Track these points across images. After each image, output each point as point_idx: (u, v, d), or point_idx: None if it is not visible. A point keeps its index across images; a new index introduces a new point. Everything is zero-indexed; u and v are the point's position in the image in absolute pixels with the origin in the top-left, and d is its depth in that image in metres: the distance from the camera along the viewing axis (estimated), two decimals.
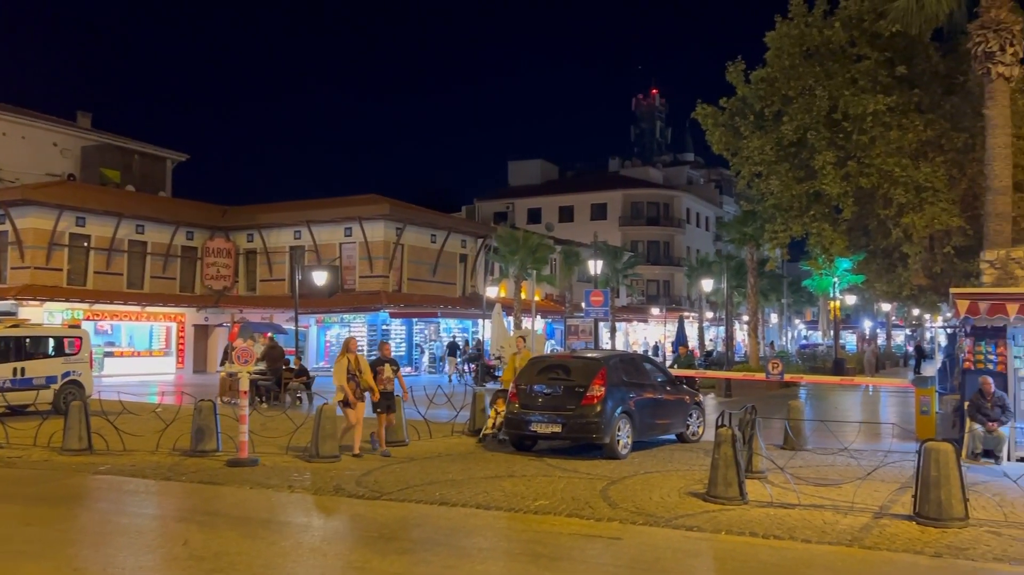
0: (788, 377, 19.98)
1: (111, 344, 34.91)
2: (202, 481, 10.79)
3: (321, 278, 28.75)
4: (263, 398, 21.70)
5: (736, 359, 39.33)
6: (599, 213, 65.88)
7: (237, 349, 12.88)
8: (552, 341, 43.57)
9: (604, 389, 12.66)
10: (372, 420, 13.39)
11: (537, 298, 37.30)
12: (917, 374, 36.50)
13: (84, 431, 13.12)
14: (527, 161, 76.16)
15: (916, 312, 55.75)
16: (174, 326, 37.06)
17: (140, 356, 35.82)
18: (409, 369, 34.39)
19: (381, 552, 7.49)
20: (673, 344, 40.03)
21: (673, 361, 27.29)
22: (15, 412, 17.99)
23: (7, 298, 30.56)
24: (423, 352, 38.21)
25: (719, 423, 9.90)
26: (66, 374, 18.98)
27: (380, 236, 36.16)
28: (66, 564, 7.06)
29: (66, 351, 19.20)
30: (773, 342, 54.23)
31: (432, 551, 7.51)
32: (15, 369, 18.04)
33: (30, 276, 32.12)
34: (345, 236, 37.03)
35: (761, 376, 20.79)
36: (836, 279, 34.82)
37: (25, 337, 18.87)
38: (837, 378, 27.31)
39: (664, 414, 14.31)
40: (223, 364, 23.90)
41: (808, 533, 8.09)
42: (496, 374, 28.29)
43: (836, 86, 21.05)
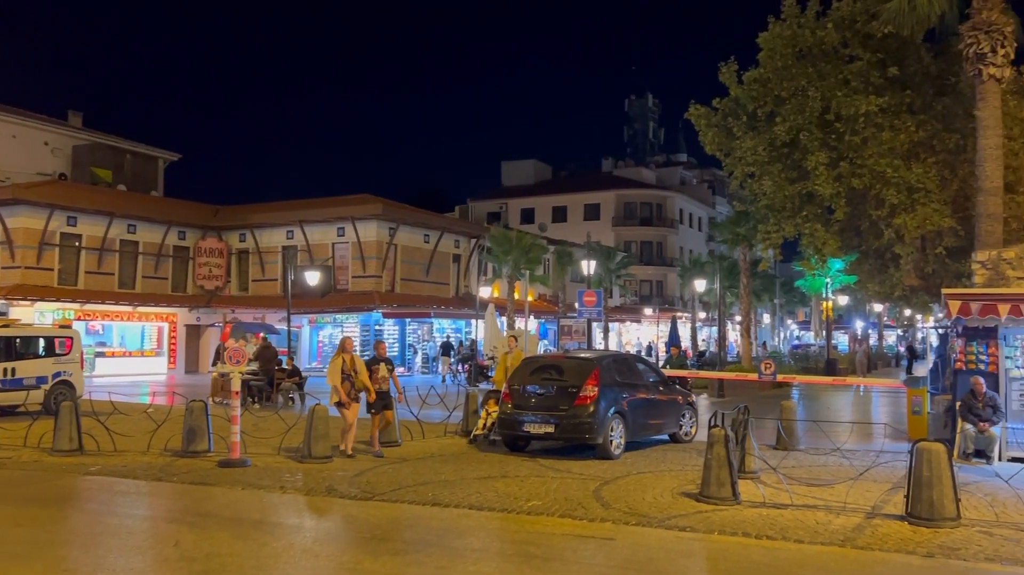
0: (781, 377, 20.02)
1: (102, 344, 34.77)
2: (193, 482, 10.75)
3: (314, 278, 28.73)
4: (255, 398, 21.64)
5: (729, 359, 39.41)
6: (592, 213, 65.97)
7: (229, 349, 12.84)
8: (545, 341, 43.61)
9: (597, 389, 12.65)
10: (365, 420, 13.36)
11: (530, 298, 37.27)
12: (909, 374, 36.69)
13: (75, 432, 13.07)
14: (520, 161, 76.17)
15: (908, 313, 55.98)
16: (166, 326, 36.93)
17: (132, 356, 35.67)
18: (402, 369, 34.33)
19: (373, 553, 7.47)
20: (667, 345, 40.09)
21: (665, 362, 27.32)
22: (5, 413, 17.93)
23: None
24: (416, 352, 38.17)
25: (712, 423, 9.90)
26: (57, 374, 18.88)
27: (373, 236, 36.09)
28: (56, 566, 7.02)
29: (57, 351, 19.11)
30: (766, 342, 54.39)
31: (425, 552, 7.49)
32: (5, 369, 17.94)
33: (21, 276, 31.96)
34: (338, 236, 36.96)
35: (754, 376, 20.84)
36: (828, 279, 34.96)
37: (15, 337, 18.77)
38: (829, 378, 27.40)
39: (657, 414, 14.32)
40: (215, 364, 23.83)
41: (801, 533, 8.10)
42: (489, 374, 28.27)
43: (829, 87, 21.11)
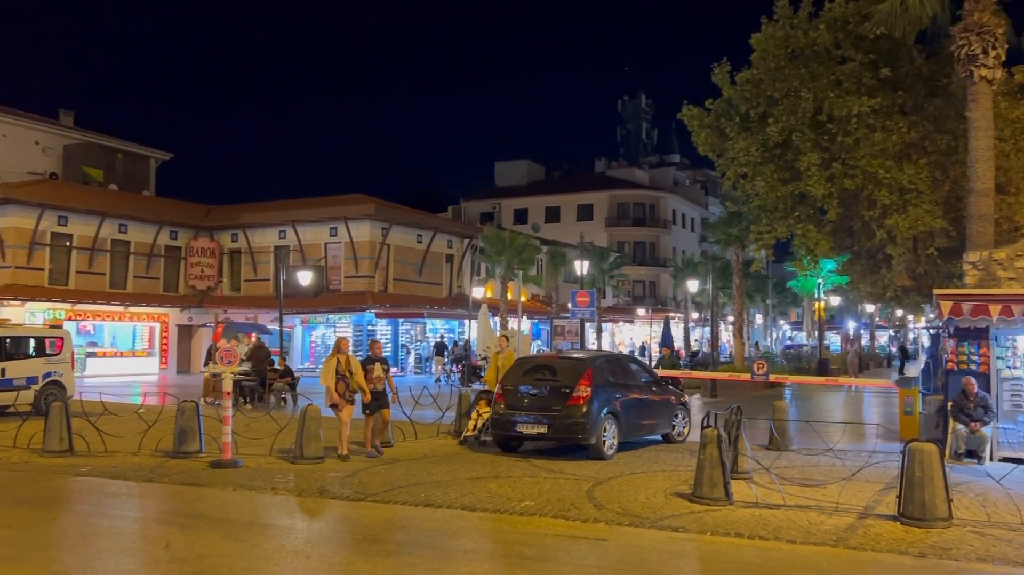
0: (773, 378, 20.05)
1: (93, 344, 34.63)
2: (184, 483, 10.70)
3: (306, 278, 28.66)
4: (247, 399, 21.56)
5: (721, 360, 39.47)
6: (585, 214, 66.02)
7: (221, 349, 12.77)
8: (538, 342, 43.58)
9: (590, 390, 12.64)
10: (359, 422, 13.31)
11: (523, 299, 37.24)
12: (901, 375, 36.79)
13: (65, 432, 12.99)
14: (514, 162, 76.15)
15: (900, 313, 56.16)
16: (157, 326, 36.79)
17: (123, 356, 35.55)
18: (395, 370, 34.23)
19: (365, 554, 7.44)
20: (660, 345, 40.08)
21: (657, 362, 27.33)
22: None
23: None
24: (409, 352, 38.12)
25: (705, 424, 9.90)
26: (47, 375, 18.78)
27: (366, 236, 36.04)
28: (45, 567, 6.97)
29: (47, 351, 19.01)
30: (758, 343, 54.45)
31: (417, 553, 7.47)
32: None
33: (11, 275, 31.81)
34: (330, 236, 36.90)
35: (746, 377, 20.86)
36: (821, 280, 35.03)
37: (5, 337, 18.64)
38: (822, 378, 27.46)
39: (650, 414, 14.32)
40: (207, 365, 23.73)
41: (793, 534, 8.10)
42: (482, 374, 28.22)
43: (821, 88, 21.15)
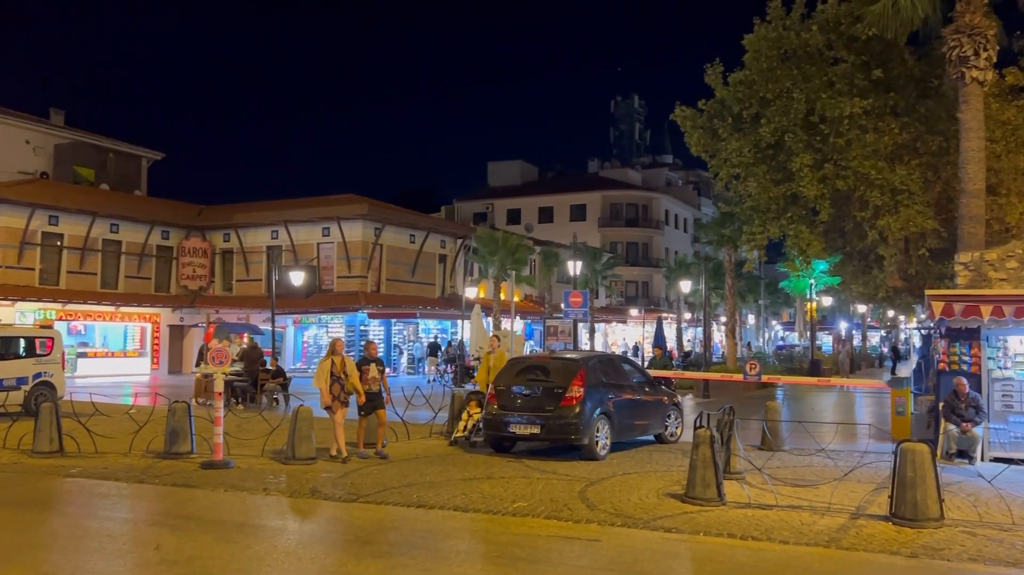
0: (765, 378, 20.10)
1: (84, 345, 34.46)
2: (175, 484, 10.65)
3: (298, 278, 28.56)
4: (239, 399, 21.49)
5: (714, 360, 39.51)
6: (578, 214, 66.05)
7: (212, 350, 12.72)
8: (531, 342, 43.57)
9: (583, 390, 12.63)
10: (352, 423, 13.27)
11: (516, 299, 37.24)
12: (893, 375, 36.92)
13: (55, 433, 12.91)
14: (507, 162, 76.13)
15: (891, 314, 56.33)
16: (149, 326, 36.64)
17: (114, 357, 35.38)
18: (388, 370, 34.16)
19: (357, 556, 7.41)
20: (653, 346, 40.17)
21: (648, 363, 27.36)
22: None
23: None
24: (402, 353, 38.06)
25: (697, 424, 9.91)
26: (37, 375, 18.67)
27: (358, 236, 35.96)
28: (35, 569, 6.92)
29: (37, 352, 18.89)
30: (750, 343, 54.54)
31: (409, 554, 7.44)
32: None
33: (1, 275, 31.62)
34: (323, 236, 36.80)
35: (739, 377, 20.90)
36: (813, 281, 35.10)
37: None
38: (814, 379, 27.53)
39: (643, 415, 14.32)
40: (198, 365, 23.65)
41: (786, 534, 8.10)
42: (475, 375, 28.18)
43: (813, 89, 21.18)
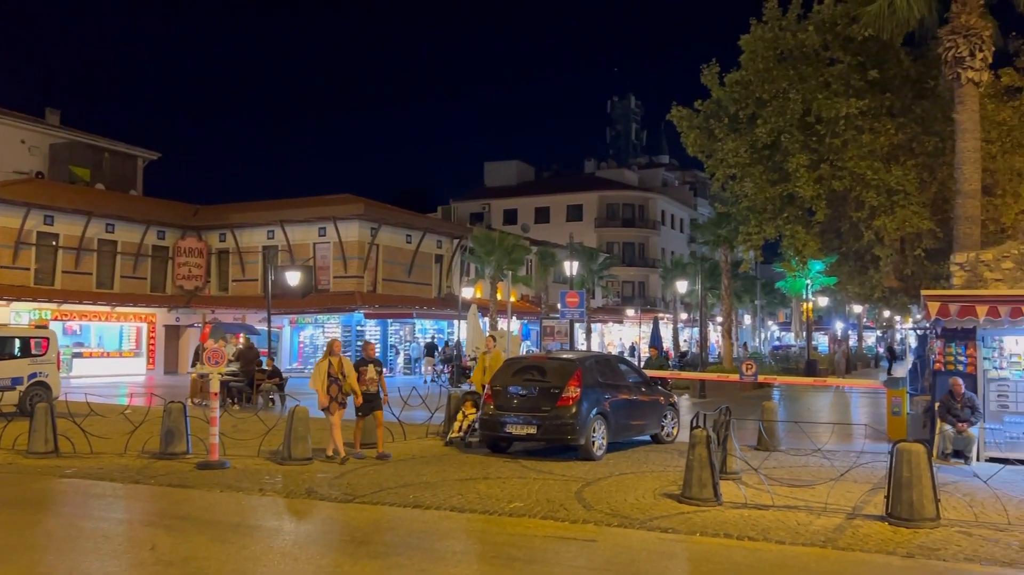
0: (761, 378, 20.09)
1: (80, 345, 34.38)
2: (171, 484, 10.62)
3: (294, 278, 28.50)
4: (235, 400, 21.45)
5: (710, 360, 39.57)
6: (575, 214, 66.05)
7: (208, 350, 12.69)
8: (528, 342, 43.56)
9: (579, 390, 12.63)
10: (348, 423, 13.26)
11: (513, 299, 37.22)
12: (889, 375, 36.96)
13: (50, 433, 12.89)
14: (503, 162, 76.08)
15: (887, 314, 56.42)
16: (144, 327, 36.56)
17: (110, 357, 35.31)
18: (385, 370, 34.18)
19: (353, 556, 7.40)
20: (649, 346, 40.12)
21: (645, 363, 27.34)
22: None
23: None
24: (398, 353, 38.03)
25: (694, 424, 9.91)
26: (32, 375, 18.63)
27: (355, 236, 35.93)
28: (30, 570, 6.90)
29: (33, 352, 18.85)
30: (747, 343, 54.63)
31: (405, 555, 7.43)
32: None
33: None
34: (319, 236, 36.77)
35: (735, 377, 20.89)
36: (809, 281, 35.14)
37: None
38: (810, 379, 27.55)
39: (639, 415, 14.32)
40: (194, 365, 23.60)
41: (782, 534, 8.10)
42: (471, 375, 28.17)
43: (809, 89, 21.21)
